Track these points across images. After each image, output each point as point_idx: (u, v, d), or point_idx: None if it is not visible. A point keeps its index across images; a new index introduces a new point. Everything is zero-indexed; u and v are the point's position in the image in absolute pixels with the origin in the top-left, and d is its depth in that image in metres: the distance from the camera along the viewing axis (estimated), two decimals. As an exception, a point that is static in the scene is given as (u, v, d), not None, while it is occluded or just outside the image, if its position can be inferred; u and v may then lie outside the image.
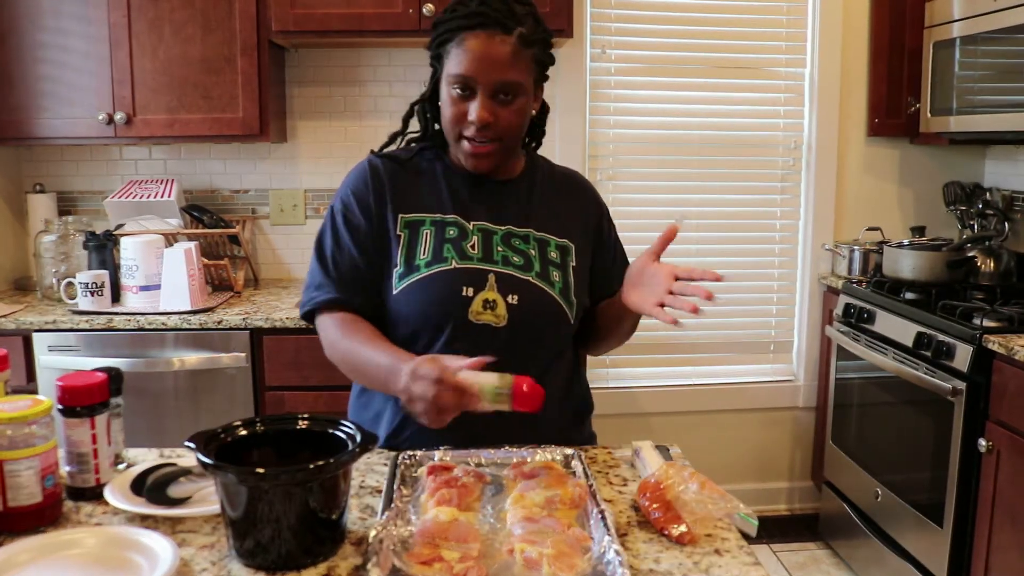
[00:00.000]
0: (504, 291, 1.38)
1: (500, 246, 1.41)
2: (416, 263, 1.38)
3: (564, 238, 1.46)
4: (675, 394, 3.21)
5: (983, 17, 2.55)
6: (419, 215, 1.42)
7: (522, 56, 1.34)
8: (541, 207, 1.48)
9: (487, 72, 1.32)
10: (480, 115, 1.33)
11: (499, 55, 1.32)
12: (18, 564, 1.00)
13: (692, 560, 1.03)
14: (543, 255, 1.42)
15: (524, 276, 1.40)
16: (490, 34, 1.32)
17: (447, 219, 1.42)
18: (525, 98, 1.37)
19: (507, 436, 1.34)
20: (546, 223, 1.46)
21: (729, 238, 3.20)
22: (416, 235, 1.41)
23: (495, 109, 1.34)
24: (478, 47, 1.32)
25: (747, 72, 3.14)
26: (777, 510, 3.31)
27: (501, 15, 1.32)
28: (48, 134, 2.63)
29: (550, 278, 1.42)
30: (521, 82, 1.35)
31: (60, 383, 1.18)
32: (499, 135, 1.36)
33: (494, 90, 1.33)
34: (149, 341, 2.42)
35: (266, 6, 2.56)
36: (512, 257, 1.40)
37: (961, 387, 2.23)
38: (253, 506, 0.98)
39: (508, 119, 1.36)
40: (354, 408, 1.54)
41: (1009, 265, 2.75)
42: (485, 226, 1.42)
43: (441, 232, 1.40)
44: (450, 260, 1.38)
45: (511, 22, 1.32)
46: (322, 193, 3.02)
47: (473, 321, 1.36)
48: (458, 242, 1.40)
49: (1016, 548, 2.12)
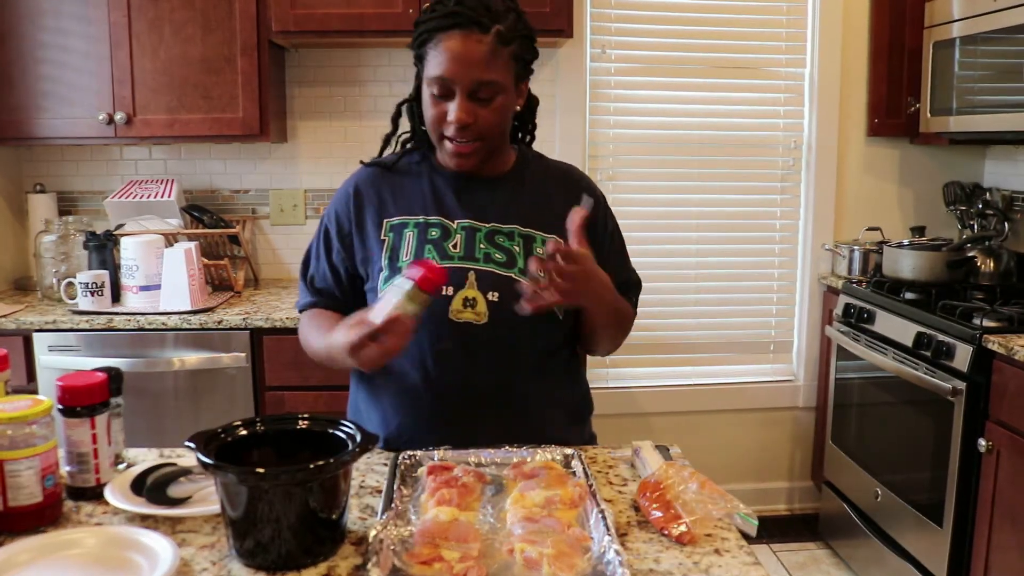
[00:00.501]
0: (484, 288, 1.38)
1: (483, 243, 1.41)
2: (399, 265, 1.39)
3: (553, 233, 1.43)
4: (675, 394, 3.21)
5: (983, 17, 2.55)
6: (403, 218, 1.44)
7: (500, 54, 1.33)
8: (530, 202, 1.47)
9: (464, 72, 1.31)
10: (459, 116, 1.33)
11: (476, 54, 1.31)
12: (18, 564, 1.00)
13: (692, 560, 1.03)
14: (528, 251, 1.41)
15: (506, 273, 1.39)
16: (466, 34, 1.31)
17: (430, 220, 1.43)
18: (505, 96, 1.36)
19: (505, 436, 1.34)
20: (533, 218, 1.44)
21: (729, 238, 3.20)
22: (400, 238, 1.42)
23: (474, 109, 1.34)
24: (455, 47, 1.31)
25: (747, 72, 3.14)
26: (777, 510, 3.31)
27: (477, 13, 1.31)
28: (48, 134, 2.63)
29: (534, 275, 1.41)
30: (499, 80, 1.34)
31: (60, 383, 1.18)
32: (480, 134, 1.36)
33: (472, 90, 1.33)
34: (149, 341, 2.42)
35: (266, 6, 2.57)
36: (495, 254, 1.40)
37: (961, 387, 2.23)
38: (253, 506, 0.98)
39: (488, 118, 1.35)
40: (353, 409, 1.55)
41: (1009, 265, 2.75)
42: (470, 224, 1.42)
43: (424, 234, 1.41)
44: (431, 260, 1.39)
45: (488, 20, 1.31)
46: (322, 193, 3.02)
47: (454, 320, 1.36)
48: (440, 242, 1.40)
49: (1016, 548, 2.12)
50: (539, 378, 1.45)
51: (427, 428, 1.40)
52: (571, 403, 1.54)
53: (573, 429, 1.52)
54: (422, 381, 1.40)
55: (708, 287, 3.22)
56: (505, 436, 1.34)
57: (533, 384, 1.44)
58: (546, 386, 1.46)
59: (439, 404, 1.40)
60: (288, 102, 2.96)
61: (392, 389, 1.44)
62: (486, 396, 1.40)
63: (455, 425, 1.39)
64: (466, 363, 1.38)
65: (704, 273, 3.21)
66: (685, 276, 3.21)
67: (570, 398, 1.53)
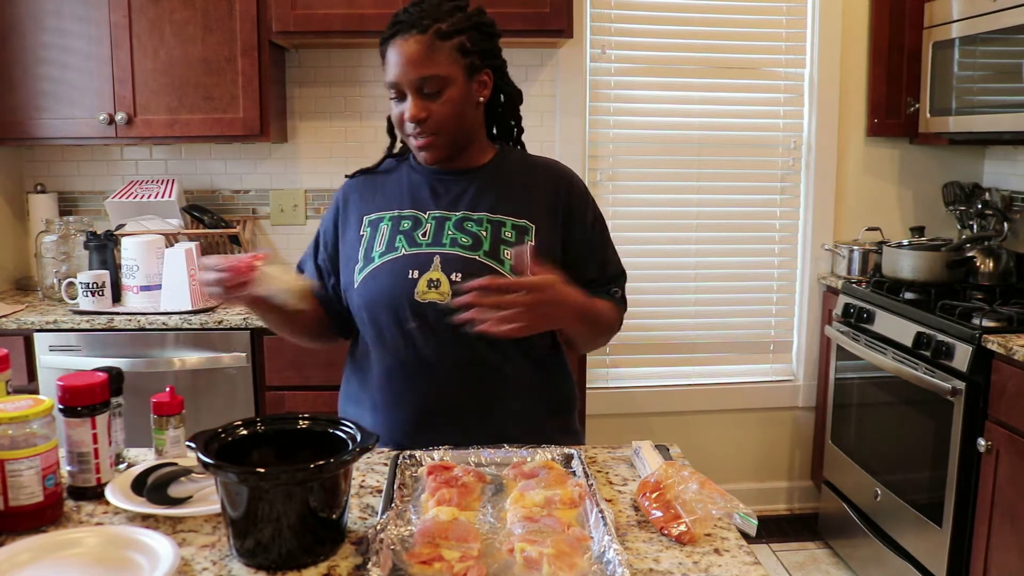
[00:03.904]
0: (448, 270, 1.42)
1: (451, 230, 1.46)
2: (372, 255, 1.47)
3: (523, 219, 1.47)
4: (674, 394, 3.21)
5: (982, 18, 2.55)
6: (380, 213, 1.51)
7: (439, 48, 1.40)
8: (503, 191, 1.50)
9: (406, 72, 1.40)
10: (411, 113, 1.41)
11: (413, 54, 1.39)
12: (19, 564, 1.00)
13: (692, 560, 1.04)
14: (495, 235, 1.45)
15: (471, 255, 1.43)
16: (405, 37, 1.40)
17: (404, 213, 1.49)
18: (454, 89, 1.42)
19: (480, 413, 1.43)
20: (505, 205, 1.48)
21: (729, 238, 3.20)
22: (375, 231, 1.49)
23: (426, 105, 1.41)
24: (397, 51, 1.41)
25: (747, 72, 3.14)
26: (777, 510, 3.32)
27: (416, 17, 1.40)
28: (49, 134, 2.64)
29: (499, 256, 1.43)
30: (442, 74, 1.40)
31: (61, 383, 1.19)
32: (436, 127, 1.43)
33: (417, 87, 1.41)
34: (150, 341, 2.42)
35: (267, 7, 2.57)
36: (461, 238, 1.45)
37: (960, 387, 2.23)
38: (253, 506, 0.98)
39: (439, 111, 1.42)
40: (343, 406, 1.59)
41: (1008, 265, 2.75)
42: (441, 214, 1.48)
43: (397, 225, 1.48)
44: (400, 249, 1.45)
45: (427, 21, 1.40)
46: (322, 193, 3.02)
47: (419, 300, 1.41)
48: (411, 232, 1.47)
49: (1015, 547, 2.12)
50: (514, 357, 1.47)
51: (408, 408, 1.46)
52: (546, 395, 1.54)
53: (549, 423, 1.53)
54: (395, 362, 1.45)
55: (708, 287, 3.22)
56: (481, 413, 1.43)
57: (508, 364, 1.46)
58: (521, 366, 1.48)
59: (414, 382, 1.45)
60: (288, 102, 2.96)
61: (373, 373, 1.49)
62: (458, 373, 1.44)
63: (434, 404, 1.45)
64: (435, 340, 1.42)
65: (704, 273, 3.22)
66: (685, 276, 3.21)
67: (544, 390, 1.53)
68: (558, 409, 1.57)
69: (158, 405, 1.32)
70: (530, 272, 1.31)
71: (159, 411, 1.32)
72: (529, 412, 1.49)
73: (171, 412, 1.33)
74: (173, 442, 1.33)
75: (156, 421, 1.33)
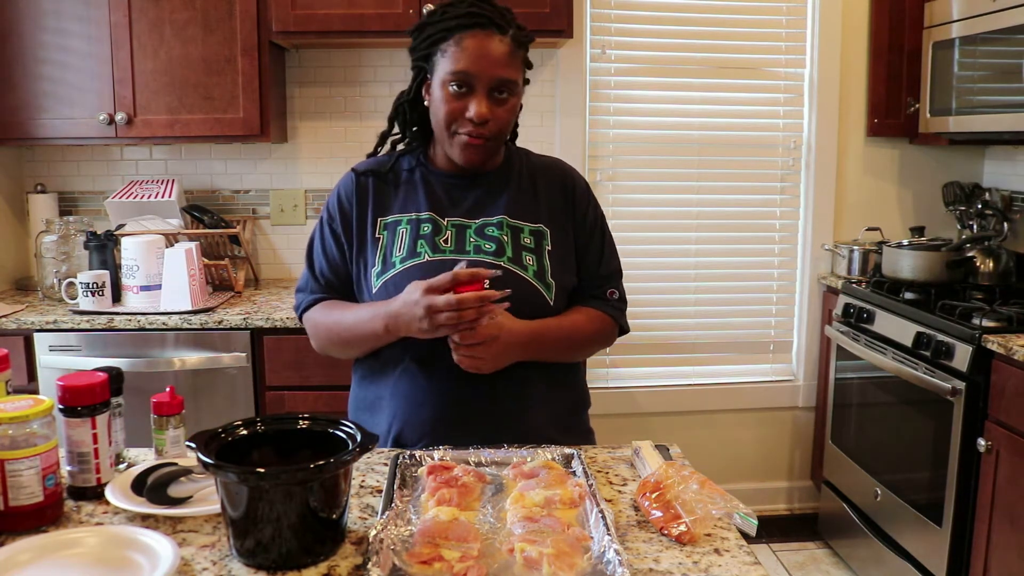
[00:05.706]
0: None
1: (473, 237, 1.46)
2: (392, 260, 1.44)
3: (539, 223, 1.48)
4: (675, 394, 3.21)
5: (982, 18, 2.55)
6: (397, 216, 1.48)
7: (516, 56, 1.40)
8: (516, 196, 1.51)
9: (487, 69, 1.37)
10: (479, 111, 1.38)
11: (497, 53, 1.37)
12: (19, 564, 1.00)
13: (692, 560, 1.04)
14: (516, 241, 1.46)
15: (496, 261, 1.43)
16: (487, 33, 1.37)
17: (422, 216, 1.47)
18: (516, 97, 1.43)
19: (495, 425, 1.40)
20: (519, 211, 1.49)
21: (729, 238, 3.20)
22: (393, 235, 1.47)
23: (492, 107, 1.39)
24: (477, 45, 1.37)
25: (746, 72, 3.14)
26: (777, 510, 3.32)
27: (495, 16, 1.39)
28: (49, 134, 2.64)
29: (523, 262, 1.44)
30: (516, 80, 1.41)
31: (61, 383, 1.19)
32: (494, 131, 1.41)
33: (492, 87, 1.39)
34: (150, 341, 2.42)
35: (267, 7, 2.57)
36: (484, 245, 1.44)
37: (960, 387, 2.23)
38: (254, 505, 0.98)
39: (502, 116, 1.41)
40: (354, 410, 1.56)
41: (1008, 265, 2.75)
42: (459, 221, 1.47)
43: (416, 229, 1.46)
44: (423, 254, 1.44)
45: (504, 23, 1.39)
46: (322, 193, 3.02)
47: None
48: (432, 237, 1.45)
49: (1015, 547, 2.12)
50: (532, 366, 1.47)
51: (426, 410, 1.44)
52: (564, 395, 1.55)
53: (568, 420, 1.54)
54: (418, 366, 1.43)
55: (708, 287, 3.22)
56: (498, 413, 1.41)
57: (530, 366, 1.46)
58: (536, 374, 1.48)
59: (437, 385, 1.43)
60: (288, 102, 2.96)
61: (392, 378, 1.46)
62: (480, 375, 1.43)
63: (453, 405, 1.43)
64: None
65: (704, 273, 3.21)
66: (685, 276, 3.21)
67: (561, 389, 1.54)
68: (576, 409, 1.58)
69: (158, 405, 1.32)
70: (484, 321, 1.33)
71: (159, 411, 1.32)
72: (546, 415, 1.48)
73: (171, 412, 1.32)
74: (173, 442, 1.33)
75: (156, 421, 1.33)
